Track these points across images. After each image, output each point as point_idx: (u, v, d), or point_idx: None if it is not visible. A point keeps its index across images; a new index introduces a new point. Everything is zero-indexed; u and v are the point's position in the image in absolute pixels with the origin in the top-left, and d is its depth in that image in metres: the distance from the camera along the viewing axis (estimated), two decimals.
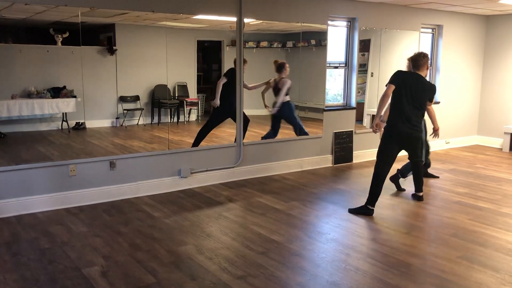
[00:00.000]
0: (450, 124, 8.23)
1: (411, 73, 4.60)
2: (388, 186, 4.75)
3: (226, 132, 6.22)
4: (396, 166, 5.08)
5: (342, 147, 6.80)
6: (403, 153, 4.79)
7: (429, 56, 4.78)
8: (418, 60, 4.63)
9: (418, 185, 5.06)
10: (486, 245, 3.81)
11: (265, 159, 6.06)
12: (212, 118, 5.95)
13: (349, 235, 4.01)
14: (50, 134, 5.03)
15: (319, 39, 6.37)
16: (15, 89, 4.75)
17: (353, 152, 6.94)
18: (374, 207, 4.54)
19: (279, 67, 6.24)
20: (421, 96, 4.52)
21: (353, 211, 4.58)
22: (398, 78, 4.51)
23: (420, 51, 5.03)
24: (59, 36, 4.79)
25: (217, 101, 5.75)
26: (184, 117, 5.96)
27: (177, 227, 4.13)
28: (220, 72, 6.28)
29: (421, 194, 5.06)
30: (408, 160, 5.01)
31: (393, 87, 4.46)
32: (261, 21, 5.84)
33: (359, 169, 6.52)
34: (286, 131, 6.37)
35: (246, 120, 5.96)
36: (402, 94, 4.46)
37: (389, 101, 4.57)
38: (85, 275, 3.16)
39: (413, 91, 4.47)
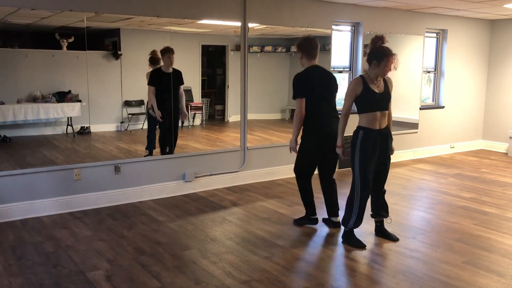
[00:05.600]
0: (455, 129, 8.21)
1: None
2: (390, 190, 4.73)
3: (230, 136, 6.23)
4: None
5: (347, 151, 6.76)
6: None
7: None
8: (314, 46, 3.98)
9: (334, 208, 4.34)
10: (492, 250, 3.79)
11: (269, 164, 6.06)
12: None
13: None
14: (55, 138, 5.06)
15: (323, 44, 6.37)
16: (21, 93, 4.78)
17: None
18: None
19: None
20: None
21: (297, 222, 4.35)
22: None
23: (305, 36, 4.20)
24: (65, 41, 4.82)
25: (158, 113, 5.26)
26: (189, 121, 5.97)
27: (181, 231, 4.13)
28: (225, 76, 6.30)
29: (338, 219, 4.28)
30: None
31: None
32: (265, 26, 5.85)
33: None
34: (288, 135, 6.36)
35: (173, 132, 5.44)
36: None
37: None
38: (89, 279, 3.17)
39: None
